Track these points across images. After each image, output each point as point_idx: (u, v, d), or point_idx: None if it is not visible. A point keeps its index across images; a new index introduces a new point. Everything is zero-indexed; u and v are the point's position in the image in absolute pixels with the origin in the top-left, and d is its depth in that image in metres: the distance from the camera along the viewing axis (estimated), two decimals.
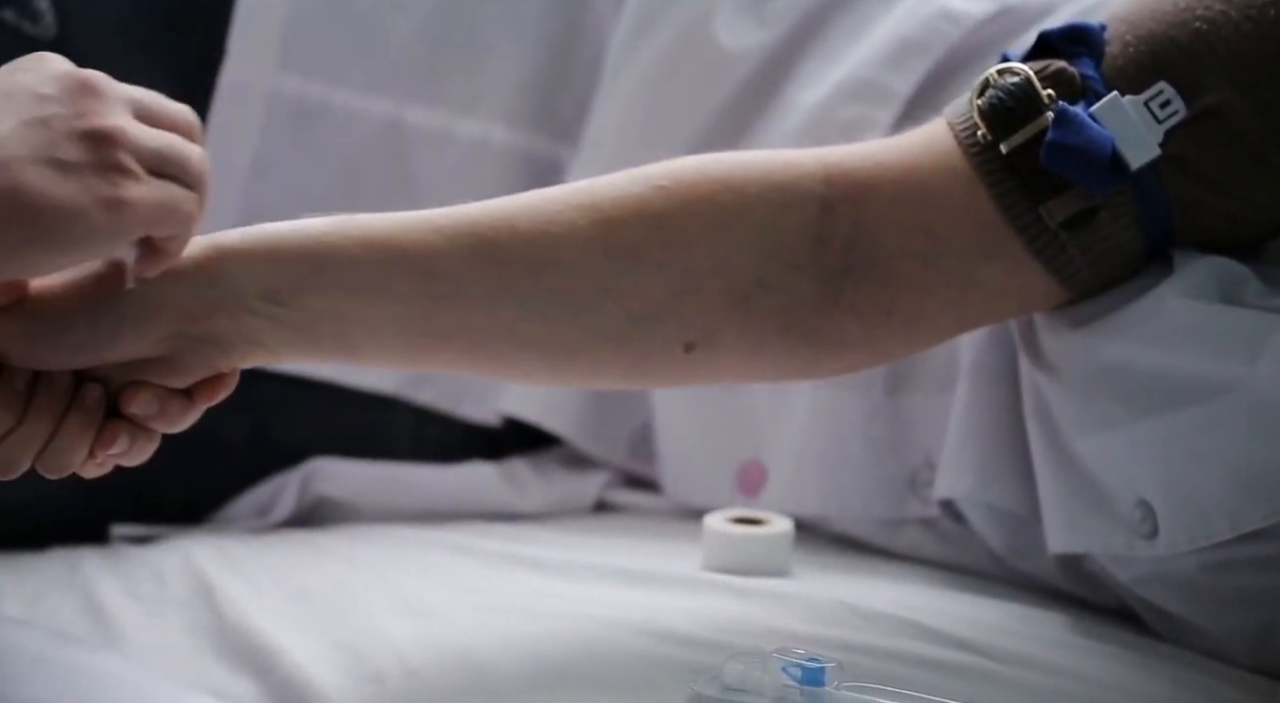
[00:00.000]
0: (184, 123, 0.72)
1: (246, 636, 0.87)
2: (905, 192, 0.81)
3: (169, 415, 0.74)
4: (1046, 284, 0.82)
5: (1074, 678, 0.82)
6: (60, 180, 0.66)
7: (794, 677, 0.77)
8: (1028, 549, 0.94)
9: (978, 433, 0.94)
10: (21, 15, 1.12)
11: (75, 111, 0.67)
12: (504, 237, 0.78)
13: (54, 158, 0.66)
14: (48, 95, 0.67)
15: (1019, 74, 0.81)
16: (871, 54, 1.06)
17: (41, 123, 0.67)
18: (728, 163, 0.81)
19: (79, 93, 0.68)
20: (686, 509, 1.11)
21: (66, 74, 0.69)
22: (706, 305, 0.79)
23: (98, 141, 0.67)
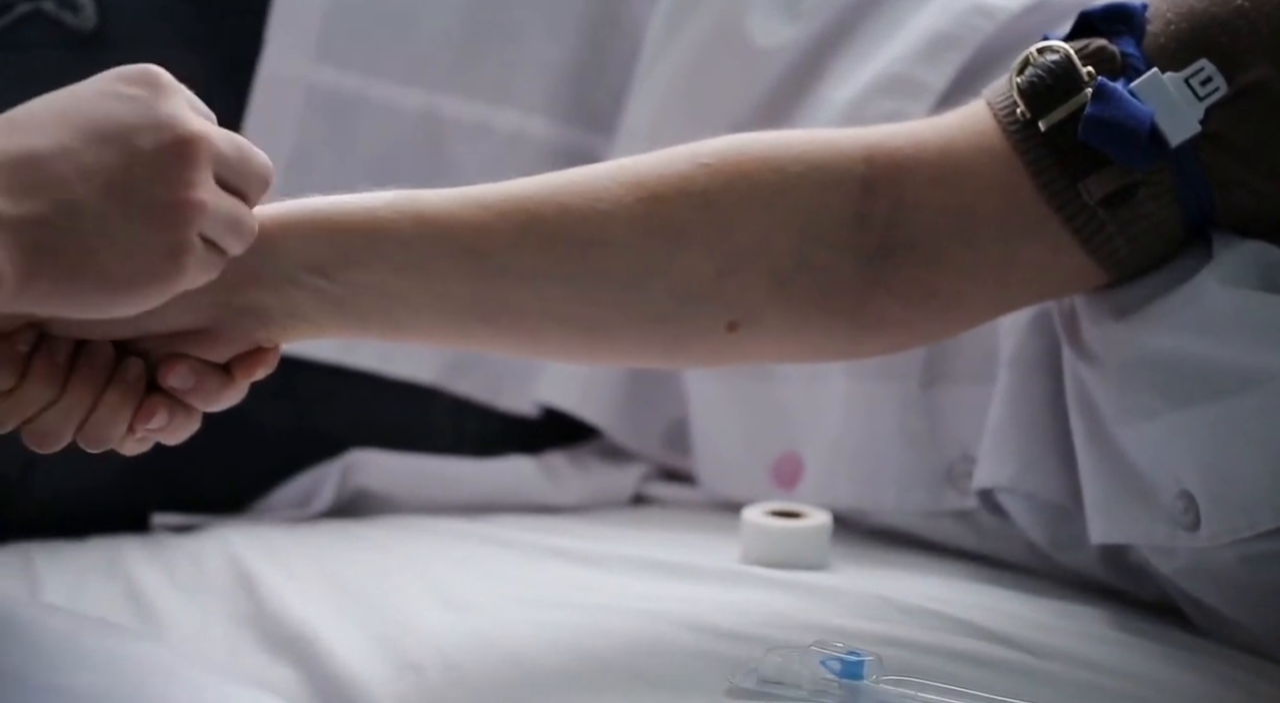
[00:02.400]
0: (261, 179, 0.72)
1: (286, 625, 0.88)
2: (945, 172, 0.81)
3: (207, 390, 0.74)
4: (1085, 264, 0.82)
5: (1114, 674, 0.82)
6: (128, 260, 0.66)
7: (833, 670, 0.77)
8: (1069, 541, 0.94)
9: (1019, 423, 0.93)
10: (62, 6, 1.12)
11: (165, 179, 0.66)
12: (552, 214, 0.78)
13: (128, 230, 0.66)
14: (142, 151, 0.66)
15: (1059, 52, 0.81)
16: (905, 49, 1.06)
17: (127, 186, 0.65)
18: (771, 142, 0.81)
19: (174, 156, 0.66)
20: (723, 502, 1.11)
21: (167, 127, 0.66)
22: (749, 285, 0.79)
23: (176, 220, 0.67)
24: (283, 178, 1.15)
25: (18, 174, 0.64)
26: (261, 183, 0.72)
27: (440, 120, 1.16)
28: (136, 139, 0.66)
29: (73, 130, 0.65)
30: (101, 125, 0.66)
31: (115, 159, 0.65)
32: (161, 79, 0.68)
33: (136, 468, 1.12)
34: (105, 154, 0.65)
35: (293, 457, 1.12)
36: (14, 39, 1.11)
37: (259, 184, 0.72)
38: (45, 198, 0.64)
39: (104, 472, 1.09)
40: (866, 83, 1.06)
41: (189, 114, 0.68)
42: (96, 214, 0.65)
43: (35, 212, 0.63)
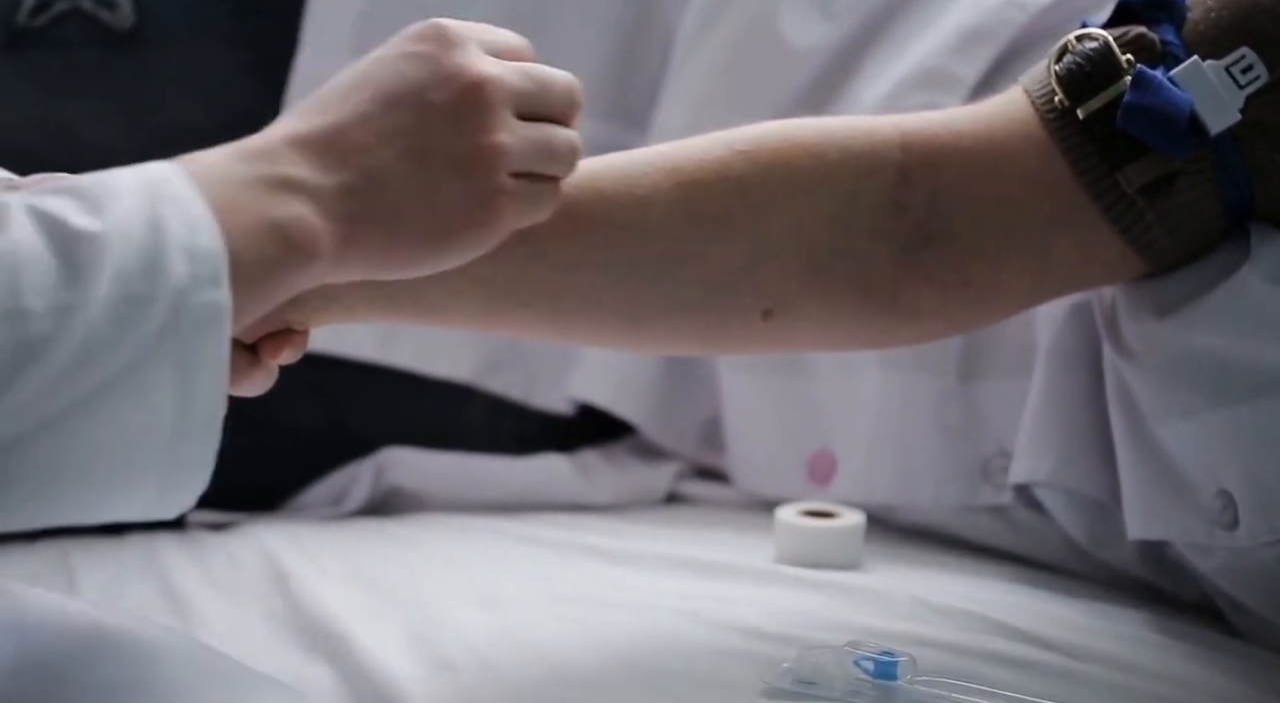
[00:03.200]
0: (567, 100, 0.73)
1: (320, 622, 0.88)
2: (982, 160, 0.81)
3: (234, 369, 0.73)
4: (1123, 254, 0.82)
5: (1150, 676, 0.81)
6: (438, 211, 0.68)
7: (867, 670, 0.77)
8: (1107, 537, 0.93)
9: (1057, 417, 0.93)
10: (100, 4, 1.13)
11: (460, 126, 0.68)
12: (589, 199, 0.78)
13: (434, 183, 0.67)
14: (434, 104, 0.67)
15: (1097, 39, 0.81)
16: (938, 44, 1.06)
17: (424, 143, 0.67)
18: (809, 128, 0.81)
19: (466, 103, 0.68)
20: (757, 500, 1.11)
21: (456, 77, 0.68)
22: (784, 273, 0.79)
23: (478, 164, 0.68)
24: None
25: (322, 148, 0.66)
26: (568, 103, 0.73)
27: None
28: (428, 95, 0.67)
29: (369, 98, 0.67)
30: (394, 88, 0.68)
31: (411, 119, 0.67)
32: (449, 31, 0.70)
33: None
34: (401, 117, 0.67)
35: (327, 455, 1.13)
36: (53, 37, 1.12)
37: (566, 105, 0.73)
38: (351, 166, 0.66)
39: None
40: (899, 78, 1.06)
41: (476, 60, 0.69)
42: (401, 175, 0.67)
43: (343, 180, 0.66)
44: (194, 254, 0.61)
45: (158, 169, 0.64)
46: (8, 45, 1.11)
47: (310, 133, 0.67)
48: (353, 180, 0.66)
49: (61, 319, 0.59)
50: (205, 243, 0.62)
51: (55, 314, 0.59)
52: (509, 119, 0.70)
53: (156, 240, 0.61)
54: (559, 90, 0.72)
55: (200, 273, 0.61)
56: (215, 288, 0.61)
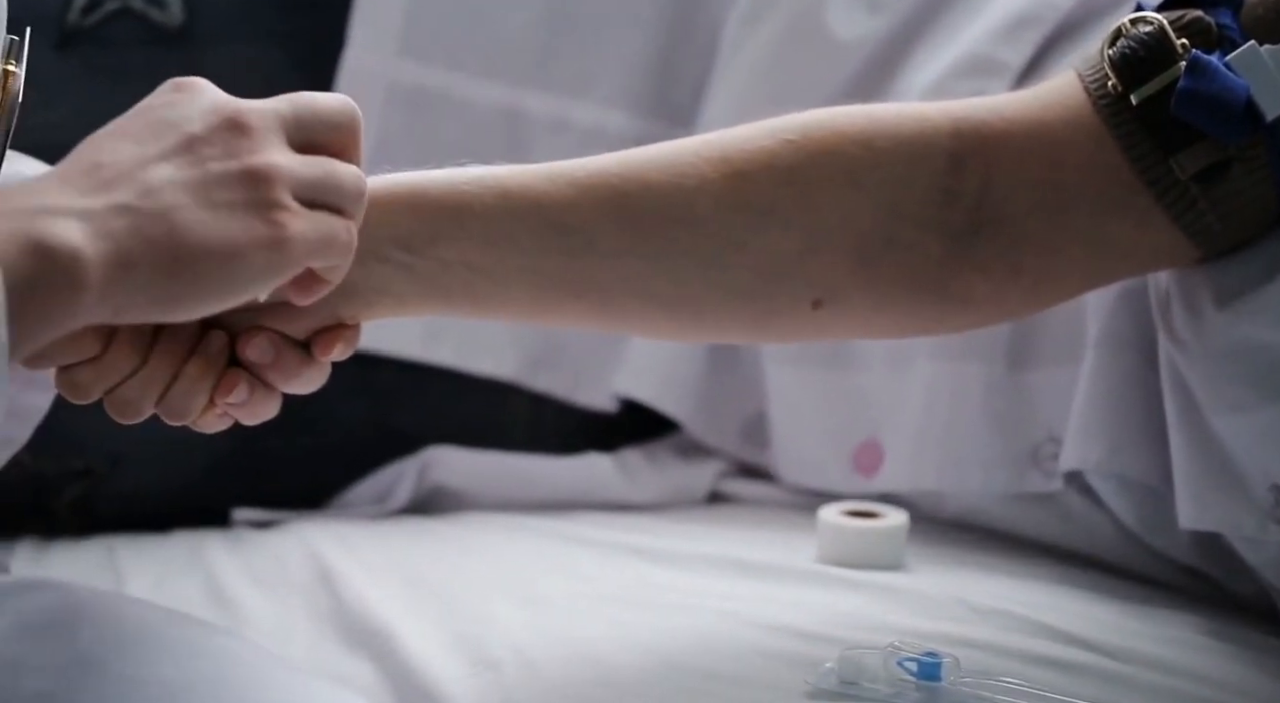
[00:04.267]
0: (342, 123, 0.70)
1: (364, 620, 0.88)
2: (1034, 146, 0.80)
3: (286, 366, 0.73)
4: (1176, 240, 0.81)
5: (1196, 679, 0.81)
6: (219, 226, 0.65)
7: (910, 671, 0.77)
8: (1160, 523, 0.92)
9: (1109, 403, 0.92)
10: (149, 3, 1.14)
11: (227, 151, 0.66)
12: (637, 190, 0.77)
13: (211, 202, 0.65)
14: (197, 135, 0.66)
15: (1152, 23, 0.80)
16: (984, 31, 1.06)
17: (195, 166, 0.65)
18: (856, 117, 0.80)
19: (229, 131, 0.66)
20: (801, 495, 1.11)
21: (214, 111, 0.67)
22: (834, 263, 0.79)
23: (252, 181, 0.66)
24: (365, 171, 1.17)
25: (89, 175, 0.64)
26: (344, 130, 0.70)
27: (520, 115, 1.16)
28: (189, 127, 0.66)
29: (132, 137, 0.66)
30: (155, 125, 0.66)
31: (179, 144, 0.65)
32: (189, 81, 0.69)
33: (219, 465, 1.13)
34: (168, 143, 0.65)
35: (371, 453, 1.13)
36: (103, 36, 1.13)
37: (342, 133, 0.70)
38: (122, 187, 0.64)
39: (187, 468, 1.11)
40: (945, 66, 1.06)
41: (225, 96, 0.68)
42: (177, 189, 0.64)
43: (114, 201, 0.63)
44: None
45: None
46: (59, 44, 1.12)
47: (75, 165, 0.64)
48: (125, 199, 0.63)
49: None
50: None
51: None
52: (279, 146, 0.68)
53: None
54: (328, 115, 0.70)
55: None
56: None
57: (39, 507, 1.09)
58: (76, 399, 0.71)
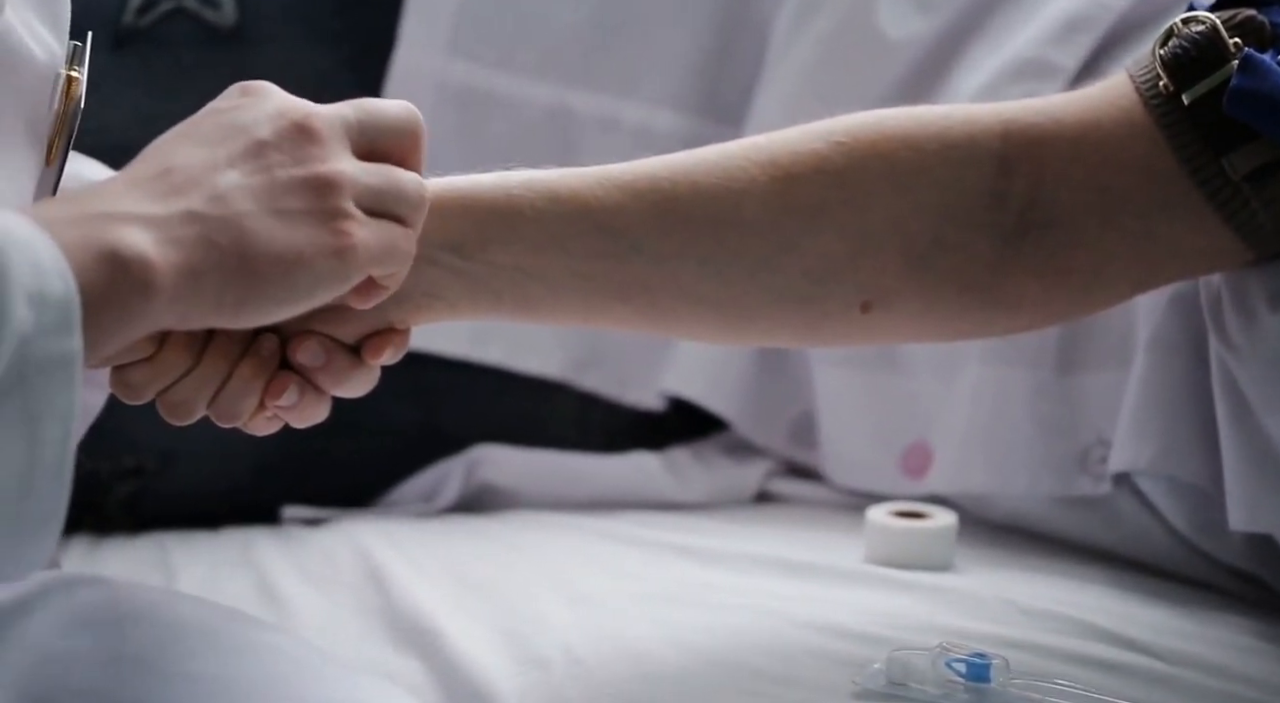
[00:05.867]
0: (405, 130, 0.71)
1: (412, 618, 0.89)
2: (1084, 148, 0.79)
3: (336, 369, 0.74)
4: (1229, 241, 0.80)
5: (1246, 682, 0.80)
6: (285, 233, 0.65)
7: (959, 672, 0.77)
8: (1210, 526, 0.92)
9: (1159, 405, 0.91)
10: (203, 3, 1.15)
11: (294, 157, 0.66)
12: (686, 193, 0.77)
13: (277, 209, 0.65)
14: (266, 141, 0.66)
15: (1204, 22, 0.79)
16: (1037, 33, 1.05)
17: (263, 172, 0.66)
18: (905, 119, 0.80)
19: (297, 137, 0.67)
20: (849, 496, 1.10)
21: (281, 115, 0.67)
22: (884, 265, 0.79)
23: (318, 189, 0.66)
24: None
25: (158, 182, 0.64)
26: (407, 137, 0.71)
27: (569, 114, 1.16)
28: (256, 132, 0.66)
29: (199, 141, 0.66)
30: (223, 129, 0.67)
31: (246, 150, 0.66)
32: (256, 85, 0.69)
33: (269, 463, 1.14)
34: (235, 147, 0.66)
35: (419, 452, 1.14)
36: (158, 36, 1.14)
37: (405, 140, 0.71)
38: (192, 193, 0.64)
39: (238, 466, 1.12)
40: (997, 69, 1.05)
41: (297, 101, 0.69)
42: (244, 196, 0.65)
43: (184, 208, 0.63)
44: (41, 300, 0.58)
45: (11, 219, 0.60)
46: (114, 45, 1.13)
47: (143, 169, 0.65)
48: (194, 205, 0.64)
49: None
50: (55, 288, 0.58)
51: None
52: (344, 153, 0.68)
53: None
54: (391, 122, 0.70)
55: (47, 320, 0.58)
56: (65, 335, 0.58)
57: (91, 504, 1.10)
58: (130, 400, 0.72)
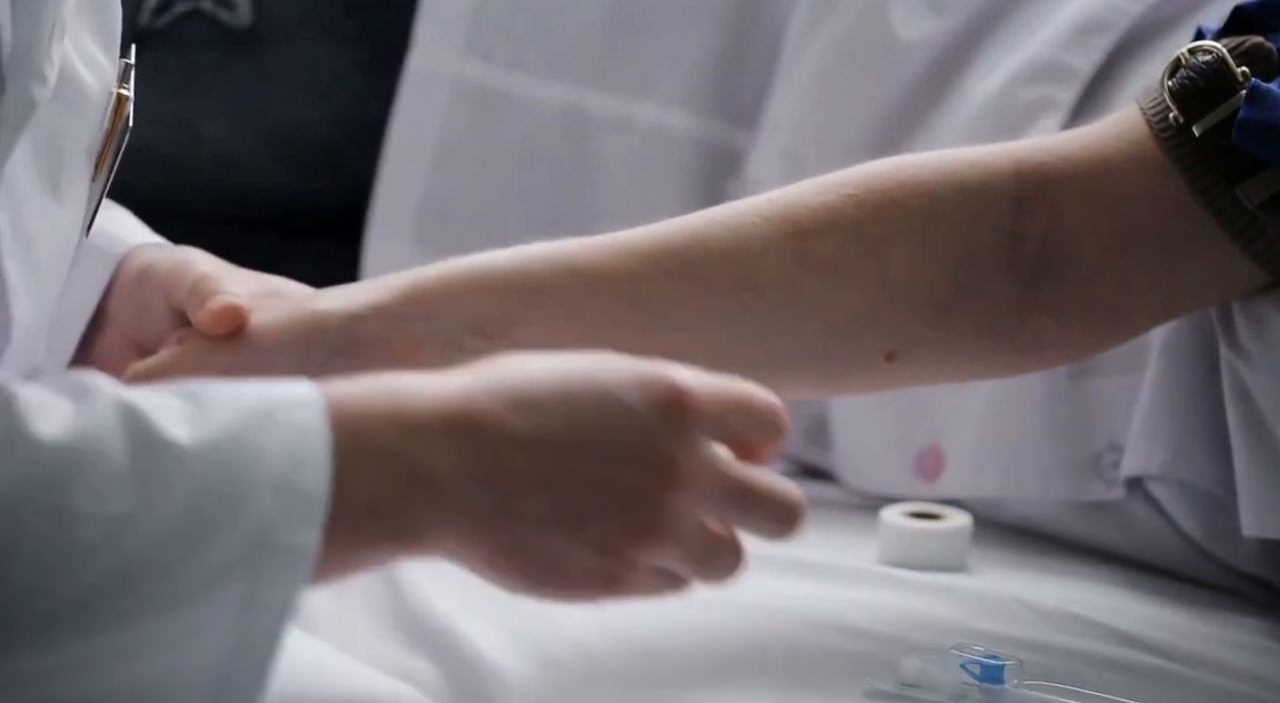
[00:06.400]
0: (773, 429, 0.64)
1: (426, 619, 0.89)
2: (1099, 185, 0.80)
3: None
4: (1247, 269, 0.80)
5: (1265, 685, 0.80)
6: (569, 561, 0.60)
7: (973, 674, 0.77)
8: (1223, 532, 0.92)
9: (1172, 409, 0.91)
10: (219, 4, 1.15)
11: (643, 499, 0.59)
12: (703, 257, 0.78)
13: (580, 534, 0.60)
14: (628, 485, 0.59)
15: (1211, 52, 0.79)
16: (1052, 36, 1.05)
17: (604, 506, 0.59)
18: (918, 167, 0.80)
19: (659, 482, 0.59)
20: (863, 498, 1.10)
21: (658, 462, 0.59)
22: (905, 315, 0.79)
23: (639, 536, 0.60)
24: (427, 174, 1.18)
25: (494, 459, 0.59)
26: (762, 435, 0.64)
27: (583, 114, 1.17)
28: (618, 467, 0.60)
29: (559, 424, 0.59)
30: (591, 429, 0.60)
31: (589, 470, 0.60)
32: (684, 400, 0.61)
33: None
34: (579, 463, 0.60)
35: None
36: (174, 37, 1.14)
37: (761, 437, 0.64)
38: (502, 479, 0.59)
39: None
40: (1011, 72, 1.05)
41: (699, 455, 0.61)
42: (566, 517, 0.59)
43: (491, 497, 0.59)
44: (288, 489, 0.55)
45: (298, 393, 0.58)
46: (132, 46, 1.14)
47: (481, 421, 0.59)
48: (494, 501, 0.59)
49: (113, 528, 0.53)
50: (308, 483, 0.56)
51: (107, 522, 0.53)
52: (688, 507, 0.61)
53: (248, 466, 0.55)
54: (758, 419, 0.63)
55: (291, 510, 0.55)
56: (303, 529, 0.55)
57: None
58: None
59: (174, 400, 0.56)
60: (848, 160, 1.09)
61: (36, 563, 0.52)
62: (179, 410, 0.56)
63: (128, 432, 0.54)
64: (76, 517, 0.53)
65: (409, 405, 0.59)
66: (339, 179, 1.19)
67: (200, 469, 0.55)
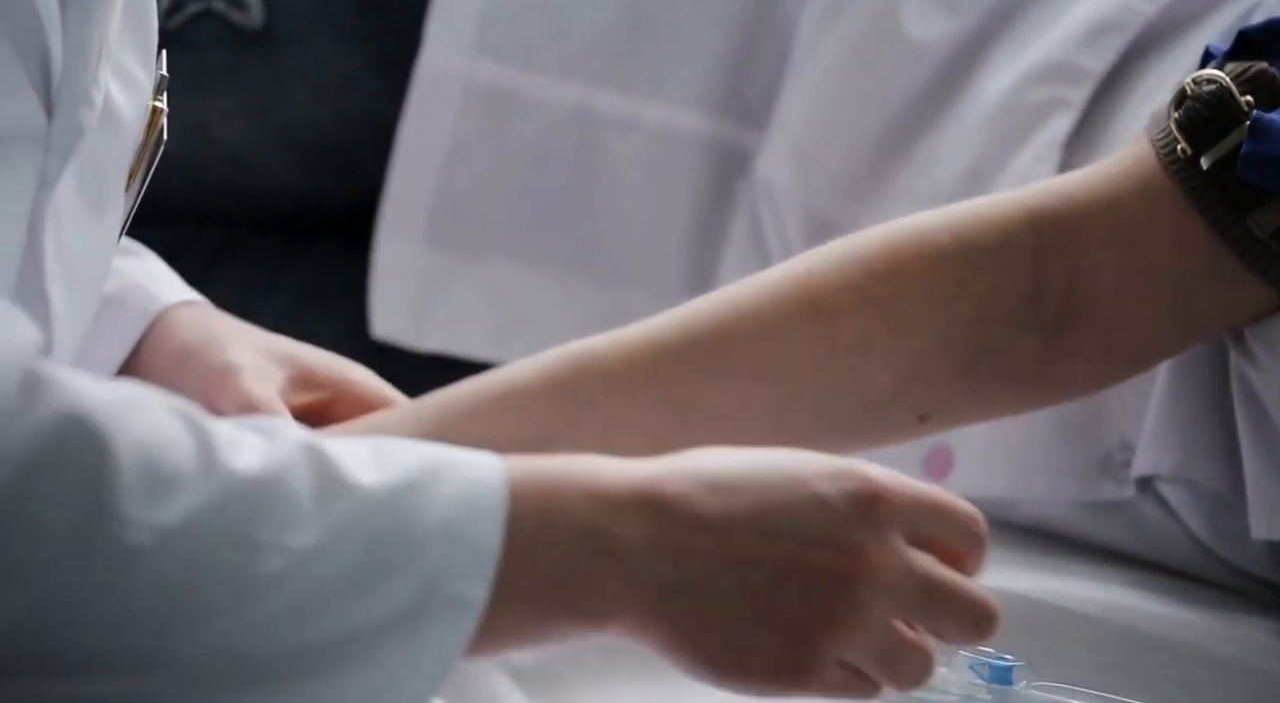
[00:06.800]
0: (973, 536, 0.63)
1: None
2: (1114, 228, 0.81)
3: None
4: (1264, 294, 0.81)
5: (1274, 686, 0.80)
6: (748, 648, 0.59)
7: (982, 675, 0.77)
8: (1232, 533, 0.92)
9: (1181, 410, 0.92)
10: (230, 5, 1.15)
11: (832, 589, 0.59)
12: (730, 349, 0.79)
13: (764, 619, 0.59)
14: (812, 571, 0.58)
15: (1215, 82, 0.80)
16: (1063, 36, 1.05)
17: (791, 588, 0.58)
18: (939, 232, 0.81)
19: (844, 576, 0.59)
20: None
21: (849, 553, 0.59)
22: (936, 381, 0.81)
23: (831, 628, 0.59)
24: (438, 173, 1.19)
25: (676, 534, 0.58)
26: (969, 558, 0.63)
27: (593, 114, 1.17)
28: (807, 553, 0.59)
29: (749, 502, 0.59)
30: (780, 514, 0.59)
31: (777, 553, 0.59)
32: (876, 498, 0.61)
33: None
34: (767, 546, 0.59)
35: None
36: (186, 38, 1.14)
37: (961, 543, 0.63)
38: (688, 566, 0.58)
39: None
40: (1023, 72, 1.05)
41: (889, 549, 0.60)
42: (752, 597, 0.59)
43: (673, 578, 0.58)
44: (460, 540, 0.56)
45: (478, 454, 0.58)
46: None
47: (672, 500, 0.58)
48: (681, 580, 0.58)
49: (295, 562, 0.54)
50: (481, 535, 0.56)
51: (289, 555, 0.54)
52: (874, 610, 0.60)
53: (423, 514, 0.56)
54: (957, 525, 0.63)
55: (461, 561, 0.56)
56: (473, 581, 0.55)
57: None
58: None
59: (357, 446, 0.57)
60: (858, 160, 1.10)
61: (220, 587, 0.54)
62: (362, 456, 0.57)
63: (313, 471, 0.55)
64: (262, 547, 0.54)
65: (602, 479, 0.59)
66: (350, 179, 1.19)
67: (379, 514, 0.56)
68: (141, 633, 0.53)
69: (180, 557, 0.53)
